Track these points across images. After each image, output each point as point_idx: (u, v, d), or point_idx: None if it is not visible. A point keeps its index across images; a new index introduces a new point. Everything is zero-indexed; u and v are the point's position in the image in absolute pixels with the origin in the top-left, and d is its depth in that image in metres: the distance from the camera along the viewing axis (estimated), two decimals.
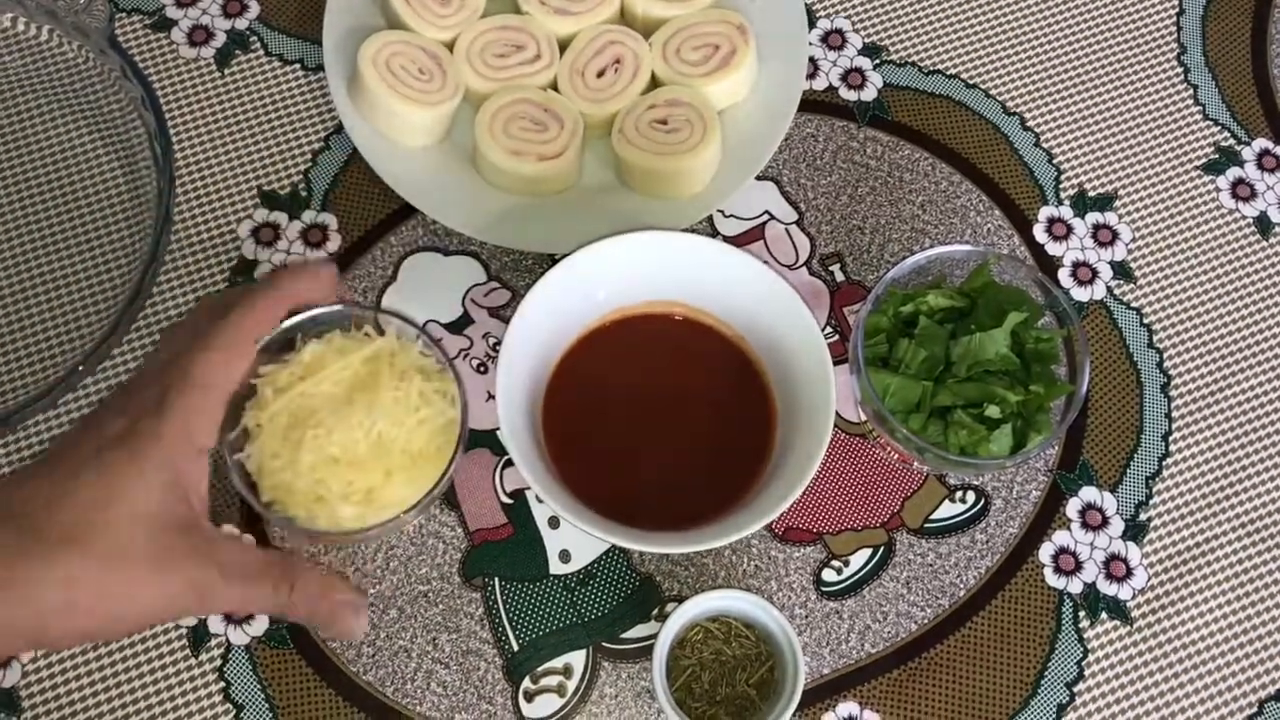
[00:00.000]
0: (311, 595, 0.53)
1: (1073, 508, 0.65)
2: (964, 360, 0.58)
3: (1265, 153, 0.74)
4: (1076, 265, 0.70)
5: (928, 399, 0.58)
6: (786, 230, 0.70)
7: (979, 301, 0.60)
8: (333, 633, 0.58)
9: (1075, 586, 0.64)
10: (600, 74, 0.68)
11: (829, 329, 0.68)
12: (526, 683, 0.61)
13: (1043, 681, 0.62)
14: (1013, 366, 0.59)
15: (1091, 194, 0.72)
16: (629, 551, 0.63)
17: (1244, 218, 0.72)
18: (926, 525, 0.64)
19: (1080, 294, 0.69)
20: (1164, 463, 0.66)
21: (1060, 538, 0.65)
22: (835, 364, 0.58)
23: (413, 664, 0.61)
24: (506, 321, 0.60)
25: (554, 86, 0.68)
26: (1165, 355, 0.68)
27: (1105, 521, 0.65)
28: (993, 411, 0.58)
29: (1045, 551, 0.64)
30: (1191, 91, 0.75)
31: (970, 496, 0.65)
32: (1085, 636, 0.63)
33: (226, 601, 0.50)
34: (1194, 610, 0.63)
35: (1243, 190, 0.73)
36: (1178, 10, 0.77)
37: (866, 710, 0.61)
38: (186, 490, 0.49)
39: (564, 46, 0.69)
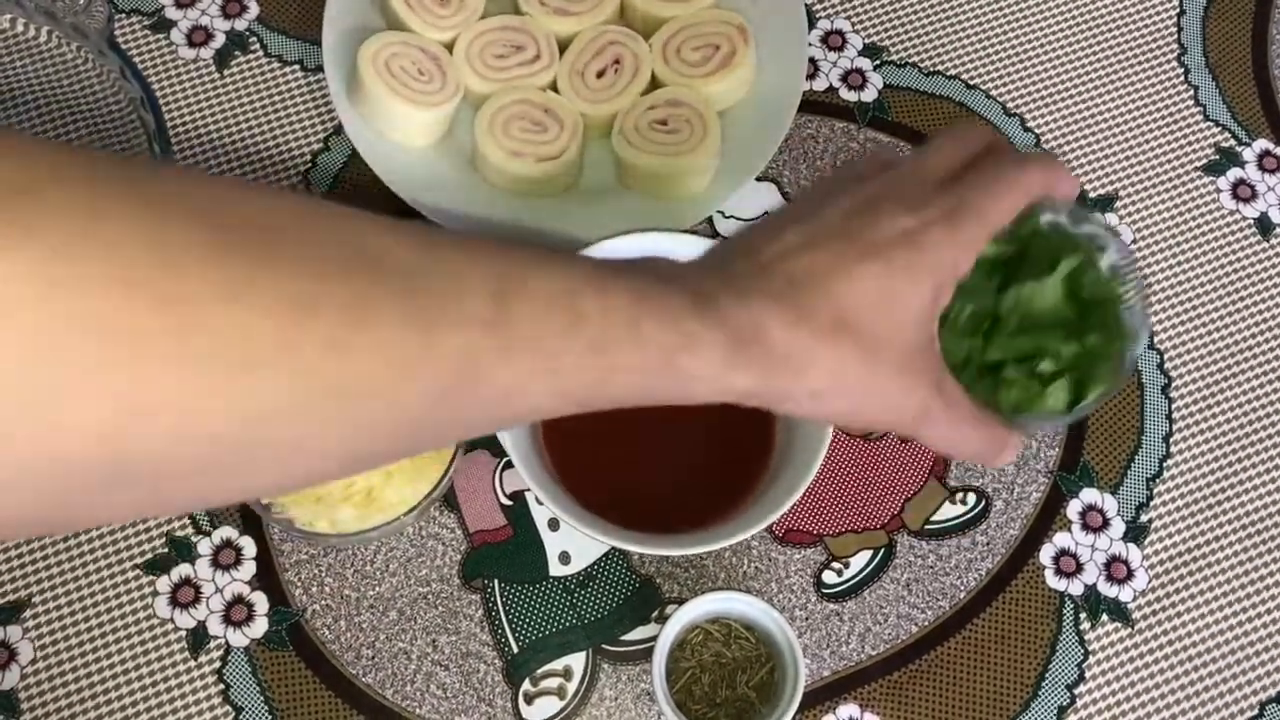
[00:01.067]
0: (1000, 447, 0.50)
1: (1073, 509, 0.65)
2: (1014, 313, 0.54)
3: (1266, 153, 0.74)
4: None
5: (977, 355, 0.54)
6: None
7: (1028, 249, 0.55)
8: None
9: (1076, 588, 0.64)
10: (600, 74, 0.67)
11: None
12: (526, 685, 0.60)
13: (1043, 683, 0.62)
14: (1067, 317, 0.54)
15: (1092, 195, 0.72)
16: (629, 553, 0.63)
17: (1245, 219, 0.72)
18: (927, 527, 0.64)
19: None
20: (1165, 464, 0.66)
21: (1061, 539, 0.64)
22: None
23: (412, 666, 0.60)
24: None
25: (554, 87, 0.68)
26: (1166, 356, 0.68)
27: (1106, 523, 0.65)
28: (1046, 366, 0.54)
29: (1046, 553, 0.64)
30: (1192, 92, 0.75)
31: (971, 498, 0.65)
32: (1086, 638, 0.63)
33: (936, 429, 0.47)
34: (1195, 612, 0.63)
35: (1243, 191, 0.73)
36: (1178, 11, 0.77)
37: (867, 712, 0.61)
38: (930, 312, 0.46)
39: (564, 47, 0.68)
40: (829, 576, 0.63)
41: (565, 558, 0.63)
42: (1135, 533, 0.65)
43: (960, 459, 0.53)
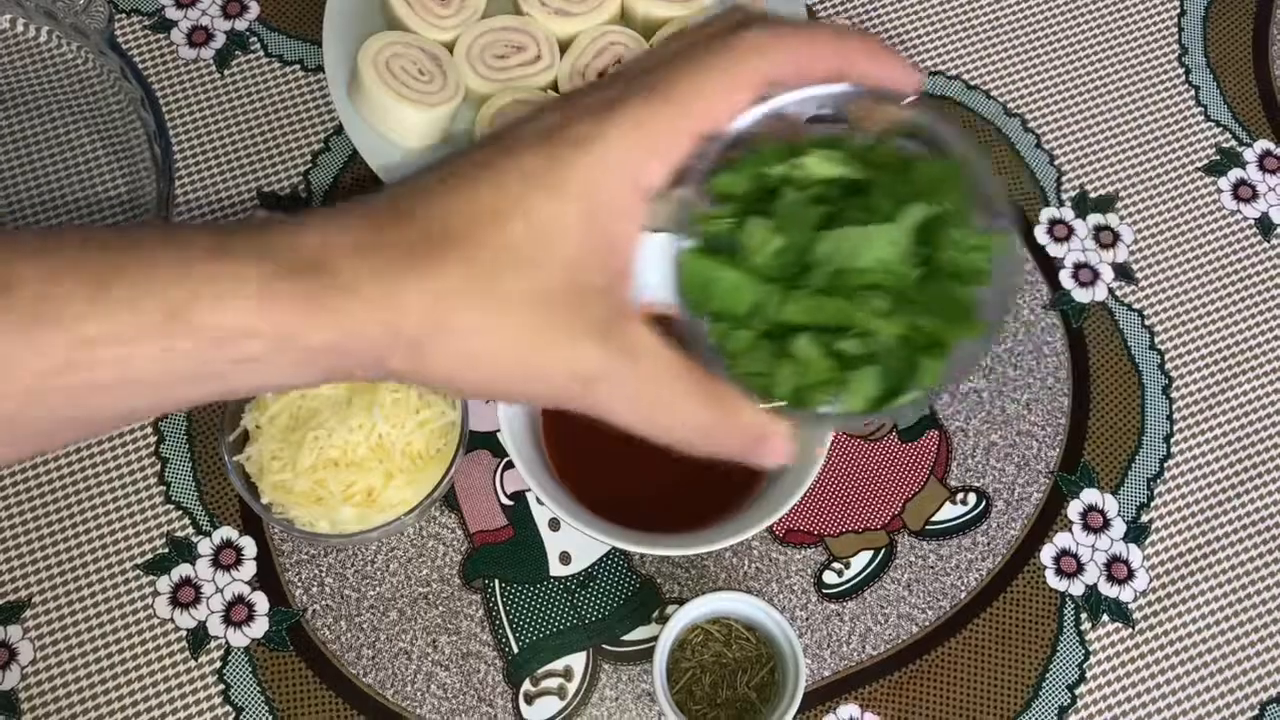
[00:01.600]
0: (742, 435, 0.37)
1: (1074, 510, 0.65)
2: (829, 263, 0.37)
3: (1267, 154, 0.74)
4: (1078, 267, 0.70)
5: (768, 309, 0.38)
6: None
7: (879, 179, 0.38)
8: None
9: (1077, 589, 0.63)
10: (601, 75, 0.67)
11: None
12: (527, 685, 0.60)
13: (1044, 684, 0.62)
14: (903, 283, 0.38)
15: (1093, 195, 0.72)
16: (629, 553, 0.63)
17: (1245, 219, 0.72)
18: (928, 527, 0.64)
19: (1082, 295, 0.69)
20: (1165, 465, 0.66)
21: (1061, 540, 0.64)
22: None
23: (413, 666, 0.60)
24: None
25: (554, 88, 0.68)
26: (1167, 357, 0.68)
27: (1107, 523, 0.65)
28: (852, 346, 0.37)
29: (1046, 553, 0.64)
30: (1193, 93, 0.75)
31: (971, 498, 0.65)
32: (1087, 639, 0.63)
33: (620, 404, 0.35)
34: (1195, 612, 0.63)
35: (1244, 191, 0.73)
36: (1179, 11, 0.77)
37: (867, 712, 0.61)
38: (611, 237, 0.34)
39: (564, 48, 0.68)
40: (829, 577, 0.63)
41: (566, 558, 0.63)
42: (1136, 533, 0.65)
43: (680, 447, 0.37)
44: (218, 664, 0.60)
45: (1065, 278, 0.70)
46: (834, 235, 0.37)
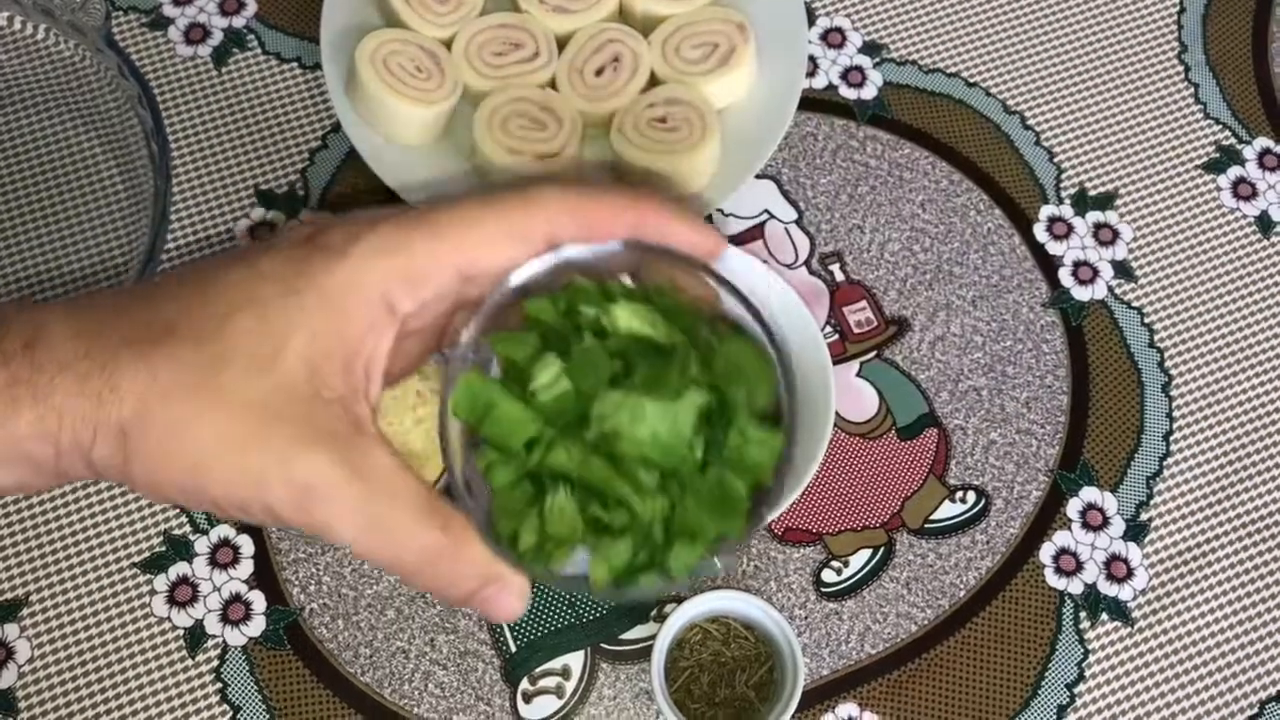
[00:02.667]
0: (469, 574, 0.35)
1: (1073, 508, 0.65)
2: (603, 421, 0.36)
3: (1266, 151, 0.73)
4: (1077, 264, 0.70)
5: (539, 450, 0.36)
6: (786, 229, 0.70)
7: (681, 347, 0.37)
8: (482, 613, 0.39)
9: (1076, 587, 0.63)
10: (599, 72, 0.67)
11: (829, 328, 0.68)
12: (525, 684, 0.60)
13: (1043, 682, 0.62)
14: (678, 463, 0.36)
15: (1092, 193, 0.72)
16: None
17: (1245, 217, 0.72)
18: (927, 525, 0.64)
19: (1081, 293, 0.69)
20: (1165, 463, 0.66)
21: (1061, 538, 0.64)
22: (835, 364, 0.58)
23: (410, 665, 0.60)
24: None
25: (552, 85, 0.67)
26: (1166, 355, 0.68)
27: (1106, 522, 0.65)
28: (606, 513, 0.36)
29: (1046, 552, 0.64)
30: (1192, 90, 0.75)
31: (970, 497, 0.65)
32: (1086, 637, 0.62)
33: (338, 522, 0.32)
34: (1195, 611, 0.63)
35: (1244, 189, 0.73)
36: (1178, 9, 0.77)
37: (866, 711, 0.61)
38: (351, 349, 0.32)
39: (562, 45, 0.68)
40: (828, 575, 0.63)
41: None
42: (1135, 531, 0.65)
43: (405, 577, 0.35)
44: (215, 663, 0.60)
45: (1064, 275, 0.70)
46: (615, 396, 0.36)
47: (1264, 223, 0.72)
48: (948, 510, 0.65)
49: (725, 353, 0.37)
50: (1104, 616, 0.63)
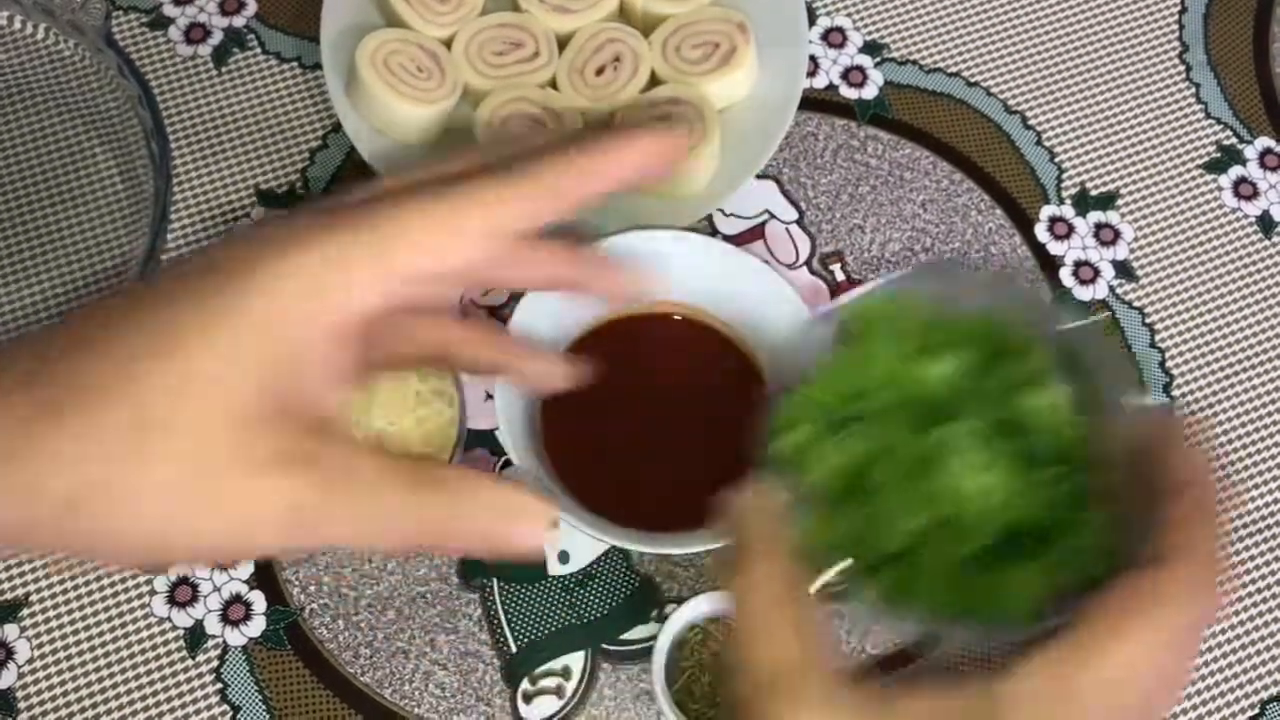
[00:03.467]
0: (474, 525, 0.33)
1: None
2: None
3: (1268, 151, 0.73)
4: (1078, 265, 0.70)
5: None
6: (787, 229, 0.70)
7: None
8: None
9: None
10: (599, 72, 0.67)
11: None
12: (525, 684, 0.60)
13: None
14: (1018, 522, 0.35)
15: (1093, 193, 0.72)
16: (628, 552, 0.63)
17: (1246, 217, 0.72)
18: None
19: (1082, 293, 0.69)
20: None
21: None
22: None
23: (411, 665, 0.60)
24: (505, 321, 0.60)
25: (553, 84, 0.67)
26: (1167, 355, 0.68)
27: None
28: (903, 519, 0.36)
29: None
30: (1194, 90, 0.75)
31: None
32: None
33: (330, 528, 0.32)
34: None
35: (1245, 189, 0.73)
36: (1180, 8, 0.77)
37: None
38: (303, 361, 0.31)
39: (563, 44, 0.68)
40: (828, 575, 0.63)
41: (564, 557, 0.63)
42: None
43: (410, 543, 0.36)
44: (215, 663, 0.60)
45: (1066, 275, 0.69)
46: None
47: (1265, 223, 0.72)
48: None
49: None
50: None
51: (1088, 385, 0.34)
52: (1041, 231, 0.71)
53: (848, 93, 0.73)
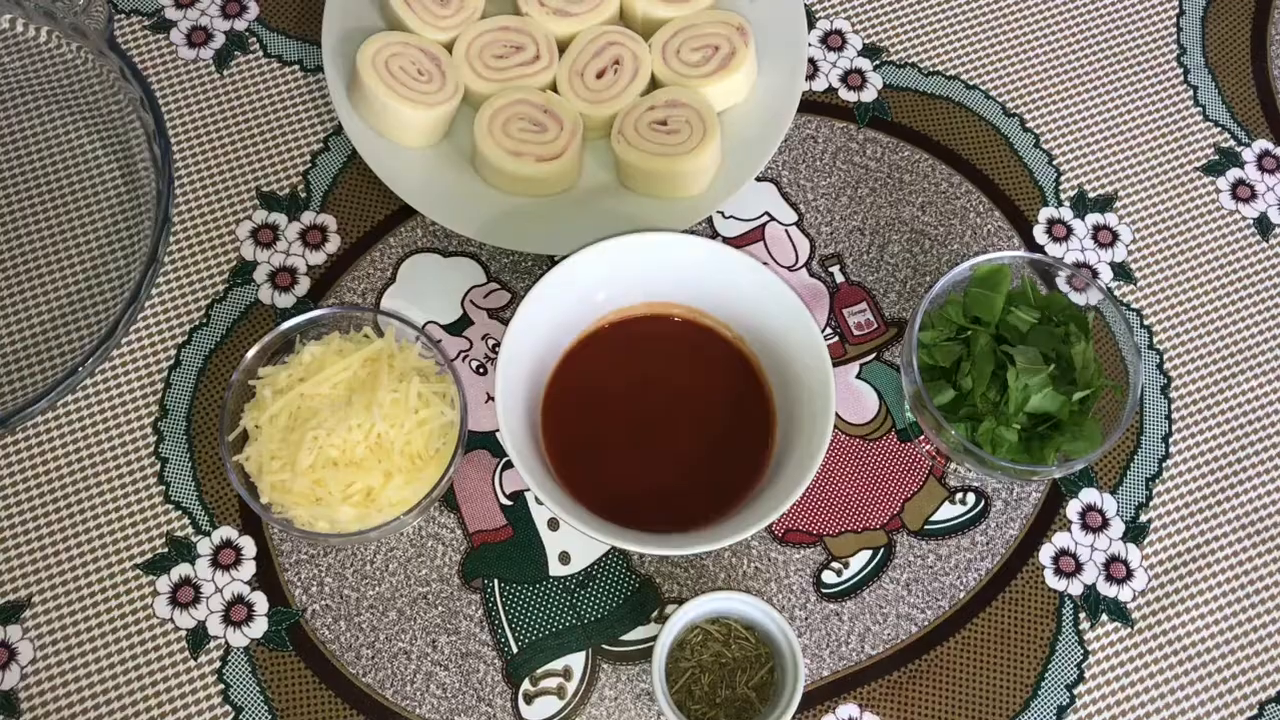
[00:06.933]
0: None
1: (1073, 509, 0.65)
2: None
3: (1265, 154, 0.74)
4: (1077, 266, 0.70)
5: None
6: (786, 231, 0.70)
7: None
8: None
9: (1075, 588, 0.64)
10: (600, 75, 0.67)
11: (828, 330, 0.68)
12: (526, 684, 0.60)
13: (1043, 683, 0.62)
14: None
15: (1091, 195, 0.72)
16: (628, 553, 0.63)
17: (1244, 219, 0.72)
18: (926, 527, 0.64)
19: (1080, 296, 0.69)
20: (1164, 464, 0.66)
21: (1060, 539, 0.64)
22: (835, 366, 0.58)
23: (412, 666, 0.60)
24: (506, 323, 0.60)
25: (553, 87, 0.68)
26: (1165, 356, 0.68)
27: (1105, 523, 0.65)
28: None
29: (1045, 553, 0.64)
30: (1191, 93, 0.75)
31: (970, 498, 0.65)
32: (1085, 638, 0.63)
33: None
34: (1194, 612, 0.63)
35: (1243, 191, 0.73)
36: (1177, 12, 0.77)
37: (866, 712, 0.61)
38: None
39: (563, 47, 0.68)
40: (828, 576, 0.63)
41: (565, 558, 0.63)
42: (1135, 533, 0.65)
43: None
44: (217, 664, 0.60)
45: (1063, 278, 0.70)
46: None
47: (1263, 225, 0.72)
48: (947, 512, 0.65)
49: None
50: (1104, 617, 0.63)
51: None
52: (1040, 233, 0.71)
53: (847, 95, 0.74)
